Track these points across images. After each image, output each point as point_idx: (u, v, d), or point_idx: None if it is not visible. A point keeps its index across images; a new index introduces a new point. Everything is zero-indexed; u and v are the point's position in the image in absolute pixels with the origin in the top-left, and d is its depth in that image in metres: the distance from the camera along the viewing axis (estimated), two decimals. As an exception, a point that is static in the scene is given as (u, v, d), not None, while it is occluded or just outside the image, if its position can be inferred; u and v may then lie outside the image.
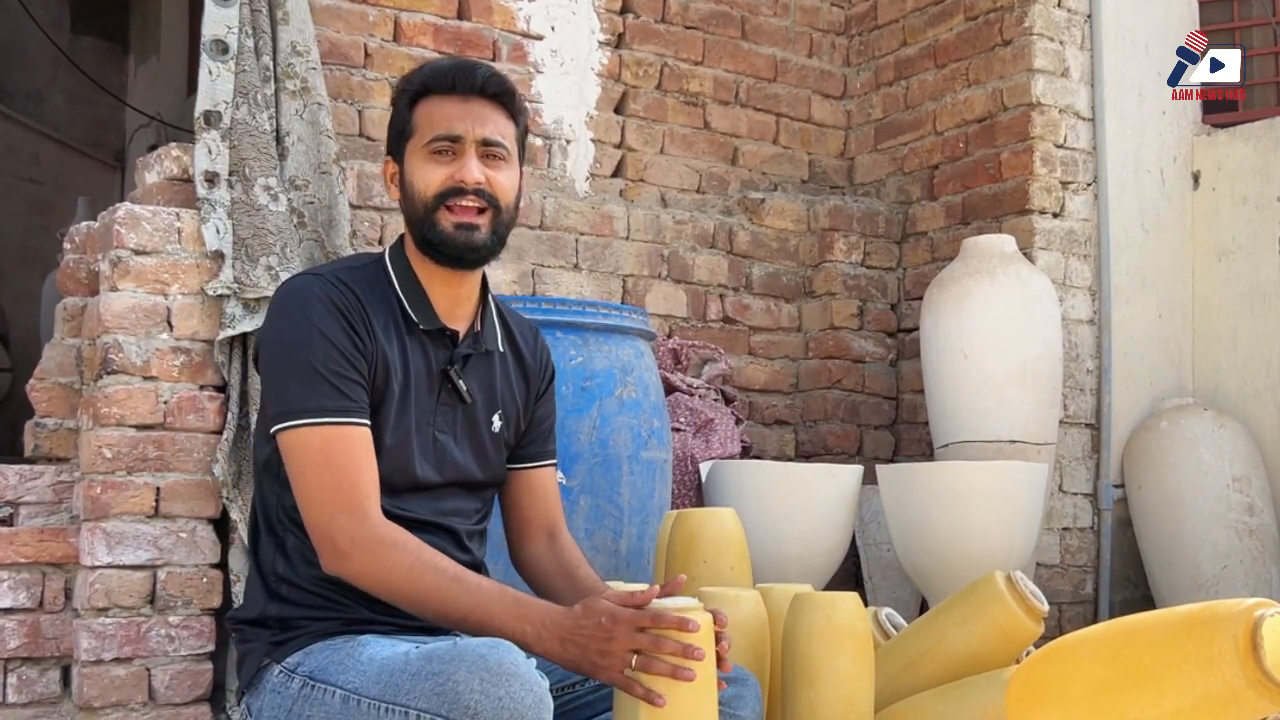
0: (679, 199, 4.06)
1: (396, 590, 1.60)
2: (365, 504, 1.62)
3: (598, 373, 2.71)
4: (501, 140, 1.76)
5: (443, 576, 1.60)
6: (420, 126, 1.76)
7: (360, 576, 1.61)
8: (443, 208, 1.73)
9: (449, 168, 1.73)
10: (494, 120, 1.76)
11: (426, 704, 1.44)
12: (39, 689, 2.72)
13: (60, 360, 2.90)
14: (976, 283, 3.55)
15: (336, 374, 1.65)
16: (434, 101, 1.76)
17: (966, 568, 2.94)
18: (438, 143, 1.74)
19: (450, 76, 1.76)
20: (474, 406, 1.81)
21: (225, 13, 2.86)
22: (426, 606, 1.60)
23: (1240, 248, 4.00)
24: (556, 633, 1.54)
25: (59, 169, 7.46)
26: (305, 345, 1.66)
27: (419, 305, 1.77)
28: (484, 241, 1.75)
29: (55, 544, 2.74)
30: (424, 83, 1.78)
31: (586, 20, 3.91)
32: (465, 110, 1.74)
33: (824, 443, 4.08)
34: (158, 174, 2.91)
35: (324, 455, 1.63)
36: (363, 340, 1.69)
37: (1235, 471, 3.71)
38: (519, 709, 1.41)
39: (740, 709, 1.71)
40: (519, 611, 1.57)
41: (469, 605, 1.57)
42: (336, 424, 1.64)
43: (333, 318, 1.68)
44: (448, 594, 1.58)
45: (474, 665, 1.43)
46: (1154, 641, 1.61)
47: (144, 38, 7.49)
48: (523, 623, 1.55)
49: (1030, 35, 3.87)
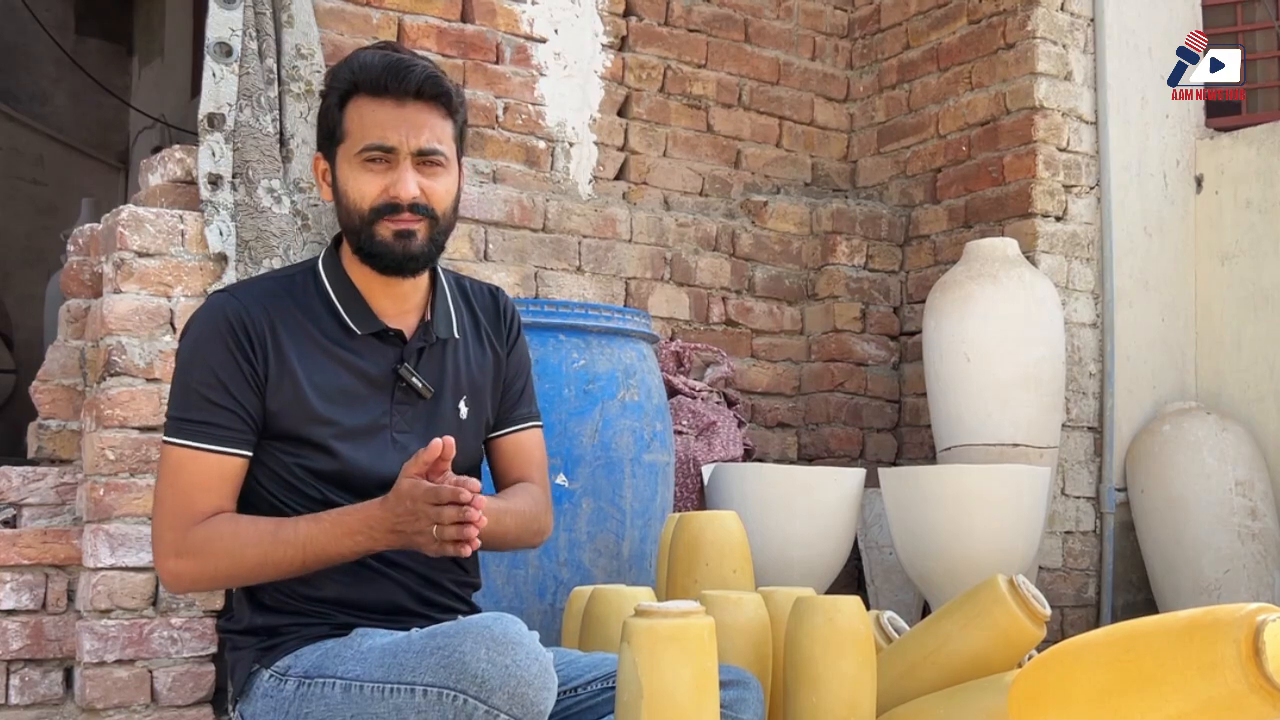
0: (682, 201, 4.06)
1: (230, 573, 1.64)
2: (193, 521, 1.64)
3: (600, 375, 2.72)
4: (438, 147, 1.69)
5: (264, 539, 1.63)
6: (352, 131, 1.68)
7: (192, 577, 1.65)
8: (381, 220, 1.68)
9: (384, 179, 1.67)
10: (430, 125, 1.69)
11: (433, 678, 1.45)
12: (42, 690, 2.72)
13: (63, 362, 2.91)
14: (979, 286, 3.55)
15: (206, 400, 1.65)
16: (365, 104, 1.67)
17: (969, 571, 2.94)
18: (370, 152, 1.67)
19: (382, 78, 1.66)
20: (436, 399, 1.78)
21: (229, 15, 2.87)
22: (264, 573, 1.64)
23: (1243, 251, 4.00)
24: (385, 525, 1.59)
25: (63, 170, 7.47)
26: (187, 367, 1.68)
27: (356, 311, 1.74)
28: (421, 249, 1.70)
29: (58, 545, 2.74)
30: (353, 81, 1.68)
31: (590, 23, 3.92)
32: (399, 117, 1.67)
33: (826, 446, 4.08)
34: (161, 176, 2.91)
35: (173, 474, 1.66)
36: (253, 366, 1.67)
37: (1238, 475, 3.71)
38: (525, 676, 1.43)
39: (742, 711, 1.71)
40: (345, 528, 1.61)
41: (300, 551, 1.62)
42: (190, 448, 1.65)
43: (220, 341, 1.66)
44: (276, 552, 1.62)
45: (480, 636, 1.45)
46: (1156, 646, 1.61)
47: (148, 40, 7.51)
48: (354, 535, 1.61)
49: (1033, 39, 3.87)
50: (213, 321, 1.68)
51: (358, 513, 1.62)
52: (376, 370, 1.74)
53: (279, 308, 1.71)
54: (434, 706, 1.44)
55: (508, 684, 1.42)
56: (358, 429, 1.71)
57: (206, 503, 1.64)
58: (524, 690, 1.43)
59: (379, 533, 1.60)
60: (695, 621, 1.63)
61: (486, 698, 1.42)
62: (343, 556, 1.62)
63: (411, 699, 1.46)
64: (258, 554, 1.62)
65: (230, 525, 1.64)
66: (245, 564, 1.63)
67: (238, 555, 1.62)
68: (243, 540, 1.62)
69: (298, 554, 1.62)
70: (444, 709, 1.43)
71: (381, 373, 1.74)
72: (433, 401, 1.78)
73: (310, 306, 1.73)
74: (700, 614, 1.65)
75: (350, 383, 1.72)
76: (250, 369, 1.67)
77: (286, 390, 1.68)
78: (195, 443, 1.65)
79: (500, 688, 1.42)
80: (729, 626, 1.93)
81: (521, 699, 1.42)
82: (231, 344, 1.66)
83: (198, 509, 1.64)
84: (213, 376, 1.65)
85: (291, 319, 1.71)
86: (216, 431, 1.65)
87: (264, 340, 1.68)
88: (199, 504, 1.64)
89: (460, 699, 1.43)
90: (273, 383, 1.68)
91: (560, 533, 2.63)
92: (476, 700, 1.42)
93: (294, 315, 1.72)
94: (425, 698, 1.45)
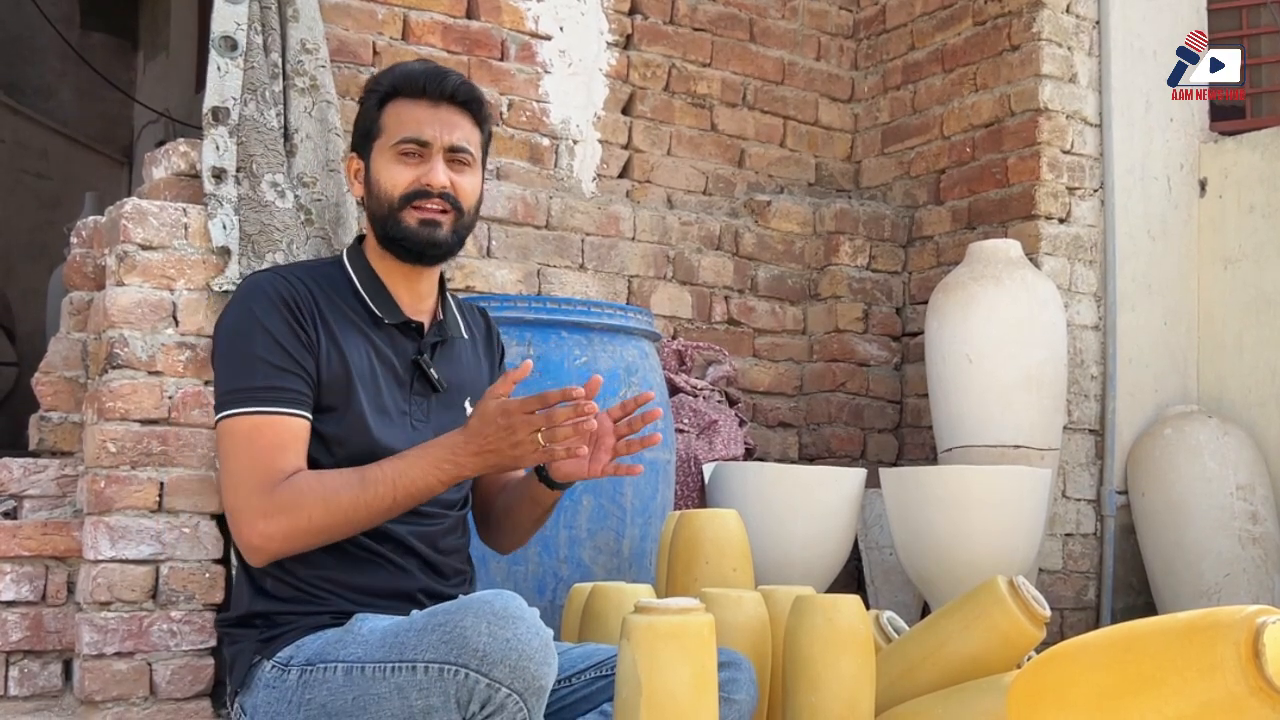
0: (685, 200, 4.06)
1: (324, 522, 1.64)
2: (276, 481, 1.64)
3: (602, 373, 2.71)
4: (468, 146, 1.81)
5: (353, 484, 1.65)
6: (389, 127, 1.80)
7: (284, 534, 1.63)
8: (408, 207, 1.78)
9: (416, 170, 1.78)
10: (461, 127, 1.81)
11: (435, 654, 1.46)
12: (41, 682, 2.73)
13: (66, 354, 2.91)
14: (982, 287, 3.55)
15: (270, 364, 1.68)
16: (403, 104, 1.80)
17: (969, 572, 2.94)
18: (406, 144, 1.78)
19: (421, 82, 1.80)
20: (448, 394, 1.85)
21: (235, 9, 2.86)
22: (356, 515, 1.65)
23: (1246, 255, 3.99)
24: (470, 450, 1.63)
25: (67, 164, 7.48)
26: (245, 337, 1.70)
27: (381, 300, 1.81)
28: (445, 239, 1.80)
29: (59, 538, 2.74)
30: (394, 85, 1.81)
31: (595, 21, 3.92)
32: (434, 116, 1.79)
33: (827, 445, 4.08)
34: (165, 169, 2.92)
35: (247, 441, 1.66)
36: (307, 333, 1.72)
37: (1239, 479, 3.71)
38: (526, 650, 1.44)
39: (735, 692, 1.74)
40: (433, 458, 1.65)
41: (390, 488, 1.64)
42: (264, 413, 1.66)
43: (275, 310, 1.71)
44: (368, 493, 1.64)
45: (480, 611, 1.46)
46: (1155, 648, 1.61)
47: (153, 34, 7.51)
48: (441, 464, 1.65)
49: (1038, 41, 3.87)
50: (264, 294, 1.73)
51: (440, 444, 1.66)
52: (398, 359, 1.81)
53: (318, 288, 1.78)
54: (436, 683, 1.45)
55: (509, 657, 1.43)
56: (386, 410, 1.77)
57: (287, 462, 1.66)
58: (525, 664, 1.44)
59: (466, 457, 1.64)
60: (695, 619, 1.63)
61: (488, 671, 1.43)
62: (430, 489, 1.66)
63: (413, 676, 1.47)
64: (350, 497, 1.63)
65: (316, 478, 1.66)
66: (339, 509, 1.63)
67: (332, 501, 1.63)
68: (333, 487, 1.64)
69: (388, 491, 1.64)
70: (446, 684, 1.44)
71: (402, 362, 1.81)
72: (444, 396, 1.84)
73: (341, 293, 1.81)
74: (700, 611, 1.65)
75: (376, 365, 1.78)
76: (307, 337, 1.72)
77: (334, 362, 1.73)
78: (267, 407, 1.67)
79: (502, 661, 1.43)
80: (728, 624, 1.93)
81: (523, 672, 1.44)
82: (286, 313, 1.72)
83: (280, 468, 1.64)
84: (274, 343, 1.69)
85: (329, 300, 1.78)
86: (286, 394, 1.68)
87: (313, 312, 1.74)
88: (280, 463, 1.65)
89: (462, 673, 1.44)
90: (323, 353, 1.73)
91: (560, 530, 2.63)
92: (478, 674, 1.43)
93: (330, 297, 1.79)
94: (427, 674, 1.46)
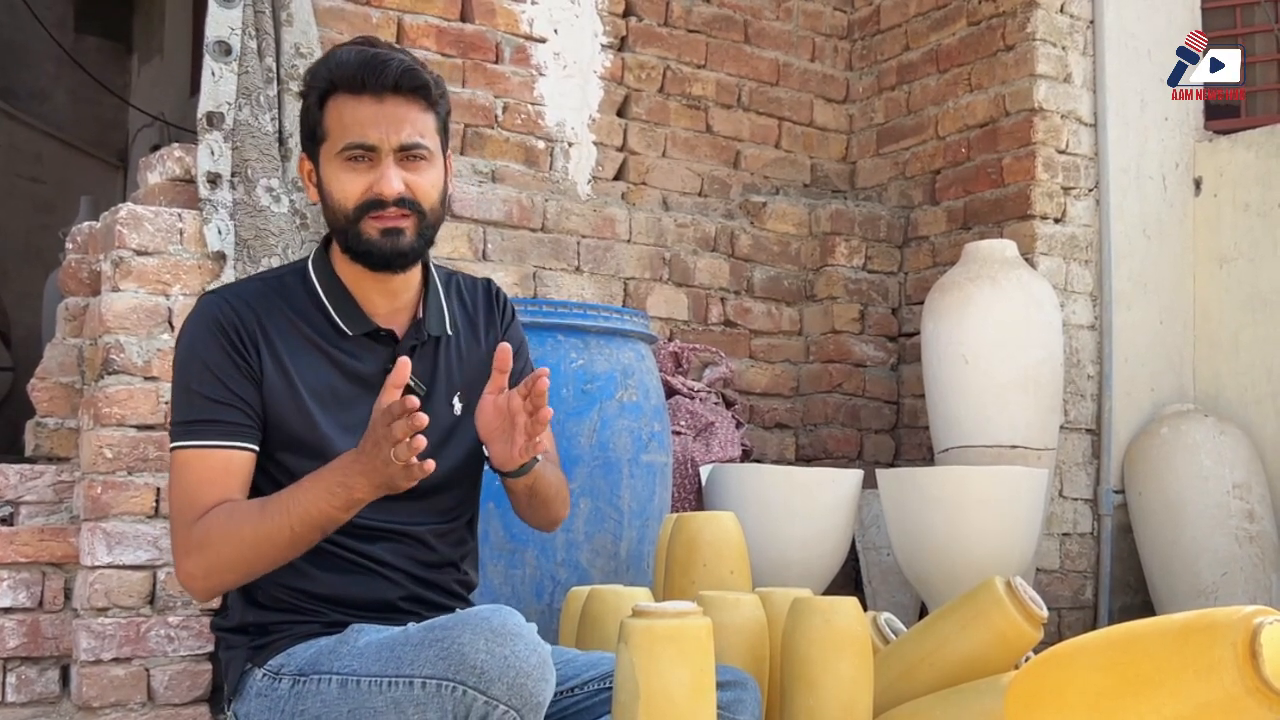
0: (681, 202, 4.06)
1: (233, 558, 1.58)
2: (197, 517, 1.61)
3: (598, 376, 2.71)
4: (420, 141, 1.67)
5: (253, 514, 1.58)
6: (332, 131, 1.67)
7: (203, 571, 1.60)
8: (366, 218, 1.67)
9: (366, 177, 1.66)
10: (411, 120, 1.67)
11: (432, 670, 1.44)
12: (38, 688, 2.72)
13: (62, 360, 2.91)
14: (978, 287, 3.55)
15: (204, 397, 1.64)
16: (345, 102, 1.66)
17: (966, 573, 2.94)
18: (351, 150, 1.66)
19: (359, 75, 1.65)
20: (428, 397, 1.76)
21: (229, 14, 2.86)
22: (260, 550, 1.58)
23: (1242, 254, 4.00)
24: (356, 469, 1.53)
25: (62, 168, 7.47)
26: (183, 369, 1.67)
27: (347, 312, 1.73)
28: (410, 245, 1.69)
29: (55, 543, 2.74)
30: (331, 80, 1.67)
31: (589, 23, 3.92)
32: (379, 113, 1.65)
33: (824, 447, 4.08)
34: (160, 174, 2.91)
35: (179, 476, 1.64)
36: (246, 360, 1.66)
37: (1236, 478, 3.71)
38: (524, 667, 1.42)
39: (739, 713, 1.71)
40: (326, 484, 1.55)
41: (285, 517, 1.56)
42: (195, 447, 1.63)
43: (213, 339, 1.66)
44: (265, 525, 1.56)
45: (478, 628, 1.44)
46: (1153, 649, 1.61)
47: (148, 38, 7.50)
48: (333, 490, 1.54)
49: (1033, 41, 3.87)
50: (204, 323, 1.67)
51: (333, 467, 1.57)
52: (368, 370, 1.73)
53: (268, 308, 1.71)
54: (433, 699, 1.43)
55: (506, 675, 1.41)
56: (350, 428, 1.69)
57: (210, 497, 1.61)
58: (523, 681, 1.42)
59: (353, 478, 1.53)
60: (693, 622, 1.63)
61: (485, 688, 1.41)
62: (329, 518, 1.56)
63: (410, 692, 1.45)
64: (251, 532, 1.57)
65: (226, 510, 1.60)
66: (243, 544, 1.57)
67: (235, 536, 1.57)
68: (237, 519, 1.58)
69: (284, 521, 1.55)
70: (443, 701, 1.43)
71: (373, 372, 1.72)
72: (425, 400, 1.75)
73: (301, 307, 1.73)
74: (698, 614, 1.65)
75: (341, 383, 1.72)
76: (245, 365, 1.66)
77: (280, 388, 1.67)
78: (199, 441, 1.63)
79: (499, 678, 1.41)
80: (726, 627, 1.93)
81: (520, 690, 1.42)
82: (224, 342, 1.65)
83: (202, 504, 1.61)
84: (209, 374, 1.64)
85: (282, 319, 1.71)
86: (218, 428, 1.64)
87: (255, 338, 1.67)
88: (203, 499, 1.61)
89: (459, 690, 1.42)
90: (268, 380, 1.67)
91: (558, 533, 2.63)
92: (475, 691, 1.41)
93: (284, 315, 1.71)
94: (424, 690, 1.44)
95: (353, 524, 1.65)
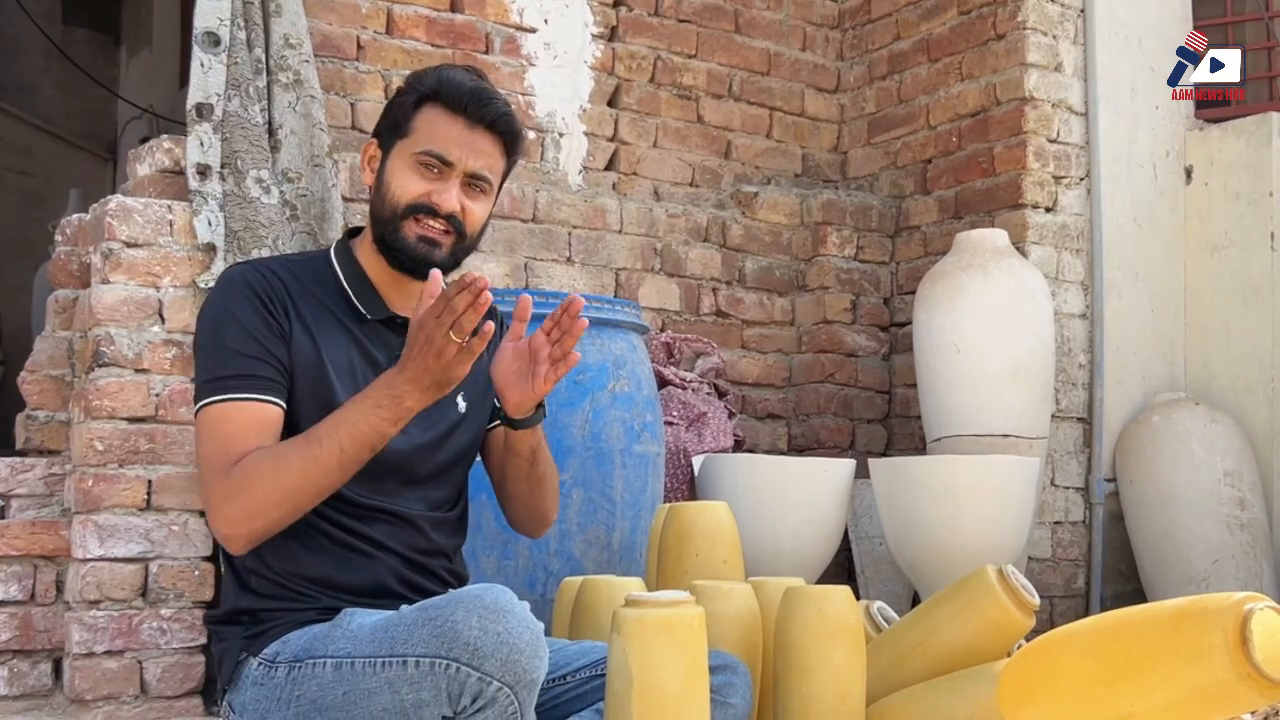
0: (672, 192, 4.06)
1: (280, 496, 1.59)
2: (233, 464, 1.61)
3: (590, 367, 2.71)
4: (489, 175, 1.78)
5: (298, 445, 1.60)
6: (418, 131, 1.75)
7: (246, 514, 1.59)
8: (411, 218, 1.74)
9: (430, 184, 1.74)
10: (489, 155, 1.77)
11: (425, 648, 1.45)
12: (30, 682, 2.72)
13: (52, 353, 2.90)
14: (969, 277, 3.56)
15: (239, 353, 1.66)
16: (439, 114, 1.75)
17: (958, 561, 2.95)
18: (428, 157, 1.74)
19: (465, 100, 1.75)
20: None
21: (217, 5, 2.85)
22: (309, 479, 1.59)
23: (1233, 243, 4.01)
24: (404, 377, 1.56)
25: (51, 161, 7.44)
26: (217, 330, 1.69)
27: (365, 296, 1.79)
28: (443, 260, 1.75)
29: (47, 537, 2.73)
30: (436, 89, 1.76)
31: (580, 13, 3.91)
32: (466, 137, 1.75)
33: (817, 436, 4.08)
34: (149, 166, 2.90)
35: (212, 429, 1.64)
36: (277, 321, 1.70)
37: (1226, 466, 3.72)
38: (517, 644, 1.43)
39: (730, 696, 1.73)
40: (372, 399, 1.59)
41: (335, 440, 1.58)
42: (229, 400, 1.64)
43: (246, 301, 1.69)
44: (313, 451, 1.59)
45: (471, 605, 1.45)
46: (1144, 635, 1.62)
47: (136, 30, 7.47)
48: (380, 402, 1.58)
49: (1023, 30, 3.87)
50: (236, 286, 1.71)
51: (376, 384, 1.61)
52: (381, 355, 1.77)
53: (295, 281, 1.76)
54: (427, 677, 1.44)
55: (500, 651, 1.42)
56: None
57: (245, 446, 1.62)
58: (516, 657, 1.43)
59: (400, 387, 1.57)
60: (685, 611, 1.63)
61: (479, 665, 1.42)
62: (379, 432, 1.59)
63: (404, 671, 1.46)
64: (299, 459, 1.58)
65: (265, 450, 1.61)
66: (290, 477, 1.58)
67: (280, 467, 1.59)
68: (280, 452, 1.60)
69: (333, 443, 1.58)
70: (437, 678, 1.44)
71: (385, 358, 1.76)
72: None
73: (324, 287, 1.78)
74: (690, 604, 1.65)
75: (359, 361, 1.76)
76: (277, 324, 1.70)
77: (308, 352, 1.71)
78: (234, 394, 1.64)
79: (493, 655, 1.42)
80: (719, 616, 1.94)
81: (514, 666, 1.43)
82: (257, 302, 1.69)
83: (237, 453, 1.61)
84: (244, 331, 1.67)
85: (307, 292, 1.76)
86: (253, 381, 1.66)
87: (284, 303, 1.72)
88: (238, 448, 1.61)
89: (453, 667, 1.43)
90: (295, 342, 1.70)
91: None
92: (469, 668, 1.42)
93: (310, 290, 1.76)
94: (418, 668, 1.45)
95: (348, 501, 1.68)
